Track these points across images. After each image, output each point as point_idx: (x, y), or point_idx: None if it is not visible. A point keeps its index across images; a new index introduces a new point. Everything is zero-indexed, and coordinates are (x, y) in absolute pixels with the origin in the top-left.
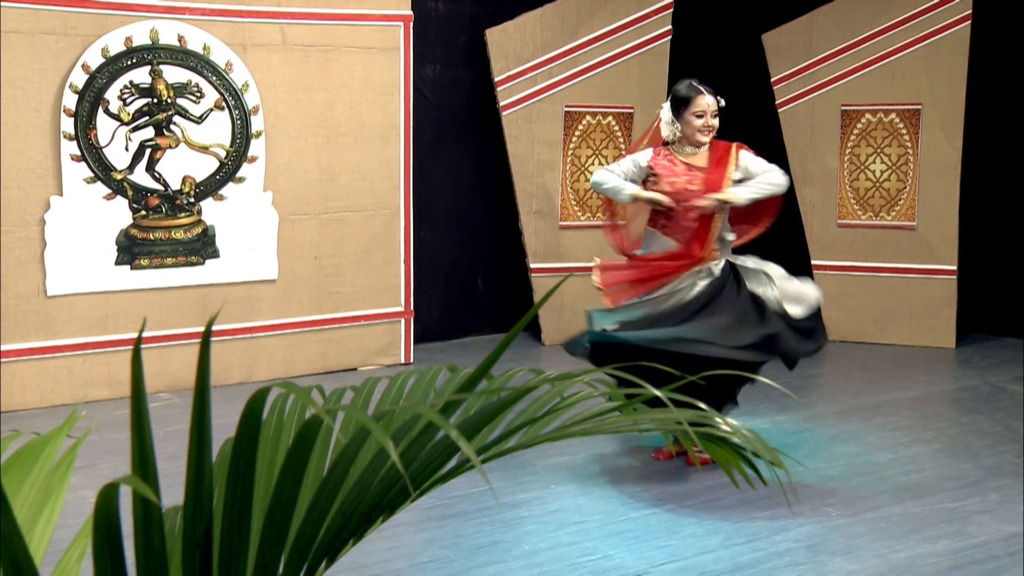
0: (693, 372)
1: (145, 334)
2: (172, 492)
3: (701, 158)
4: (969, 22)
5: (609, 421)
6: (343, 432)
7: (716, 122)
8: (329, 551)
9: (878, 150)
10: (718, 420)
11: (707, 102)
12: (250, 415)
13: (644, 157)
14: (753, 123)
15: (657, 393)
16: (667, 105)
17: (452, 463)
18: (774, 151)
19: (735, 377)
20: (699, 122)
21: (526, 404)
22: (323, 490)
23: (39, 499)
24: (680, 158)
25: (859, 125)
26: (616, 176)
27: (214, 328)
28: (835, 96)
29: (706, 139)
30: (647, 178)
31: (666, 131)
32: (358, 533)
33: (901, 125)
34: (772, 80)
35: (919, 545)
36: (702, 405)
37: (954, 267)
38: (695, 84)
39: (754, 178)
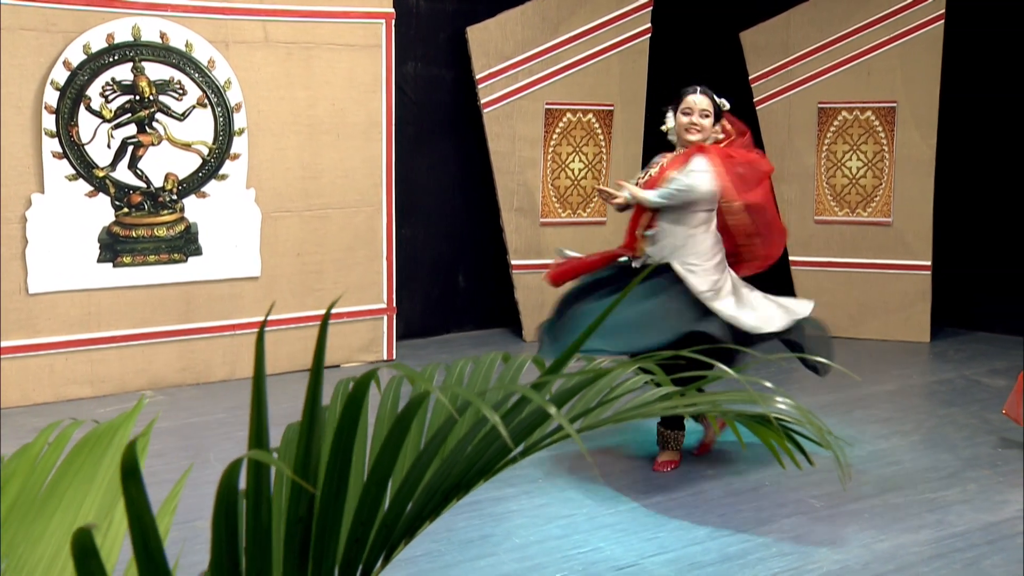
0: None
1: (128, 332)
2: (159, 489)
3: (681, 160)
4: (942, 21)
5: (660, 404)
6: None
7: (705, 122)
8: (411, 528)
9: (854, 147)
10: (770, 400)
11: (694, 99)
12: (356, 396)
13: (652, 163)
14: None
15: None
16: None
17: (519, 448)
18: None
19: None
20: (685, 120)
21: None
22: (415, 467)
23: (114, 487)
24: (668, 158)
25: (836, 122)
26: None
27: (196, 326)
28: (812, 94)
29: (693, 137)
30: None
31: (666, 126)
32: (437, 511)
33: (877, 122)
34: (750, 78)
35: (902, 535)
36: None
37: (928, 262)
38: (695, 85)
39: None
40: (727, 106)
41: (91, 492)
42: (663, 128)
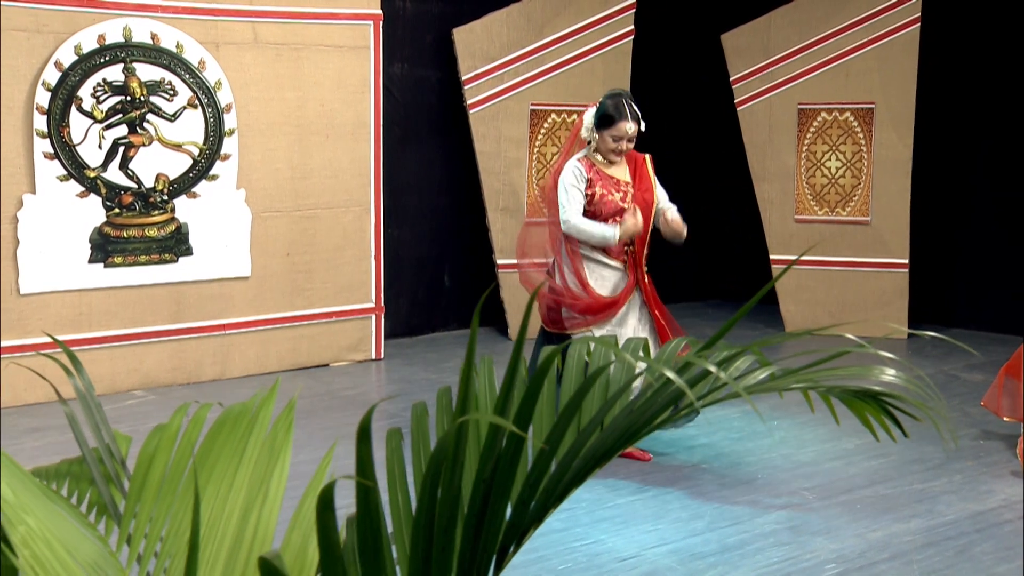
0: None
1: (118, 332)
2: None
3: (622, 171)
4: (919, 24)
5: (767, 383)
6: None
7: (631, 146)
8: (564, 493)
9: (833, 147)
10: (876, 374)
11: (628, 128)
12: (544, 367)
13: (580, 178)
14: (713, 121)
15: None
16: (592, 111)
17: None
18: (733, 149)
19: None
20: (614, 144)
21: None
22: (583, 433)
23: (264, 459)
24: (605, 171)
25: (815, 123)
26: (589, 220)
27: (186, 326)
28: (792, 95)
29: (616, 159)
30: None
31: (585, 134)
32: (586, 477)
33: (855, 123)
34: (731, 79)
35: (893, 524)
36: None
37: (906, 260)
38: (623, 105)
39: (662, 203)
40: (643, 128)
41: (242, 465)
42: (584, 131)
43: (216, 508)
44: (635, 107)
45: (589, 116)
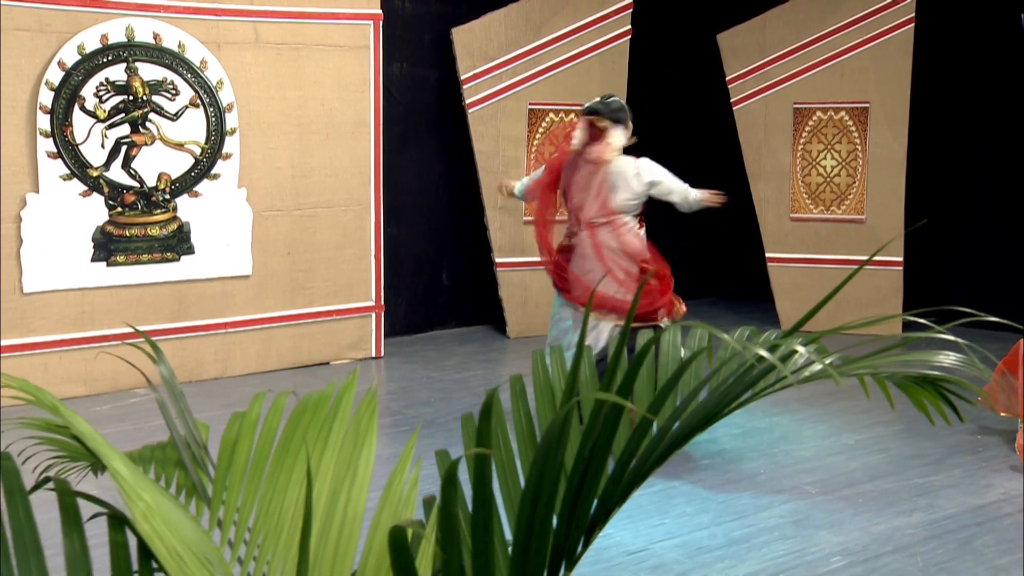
0: None
1: (121, 331)
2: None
3: None
4: (913, 24)
5: (826, 371)
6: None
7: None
8: (647, 473)
9: (829, 146)
10: (938, 360)
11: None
12: (644, 351)
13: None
14: (709, 120)
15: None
16: (625, 115)
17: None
18: (729, 148)
19: None
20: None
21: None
22: (676, 411)
23: (350, 442)
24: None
25: (811, 122)
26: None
27: (188, 324)
28: (787, 94)
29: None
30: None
31: (623, 140)
32: (668, 456)
33: (850, 122)
34: (727, 79)
35: (896, 518)
36: None
37: (900, 258)
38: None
39: None
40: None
41: (328, 448)
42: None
43: (304, 491)
44: (602, 104)
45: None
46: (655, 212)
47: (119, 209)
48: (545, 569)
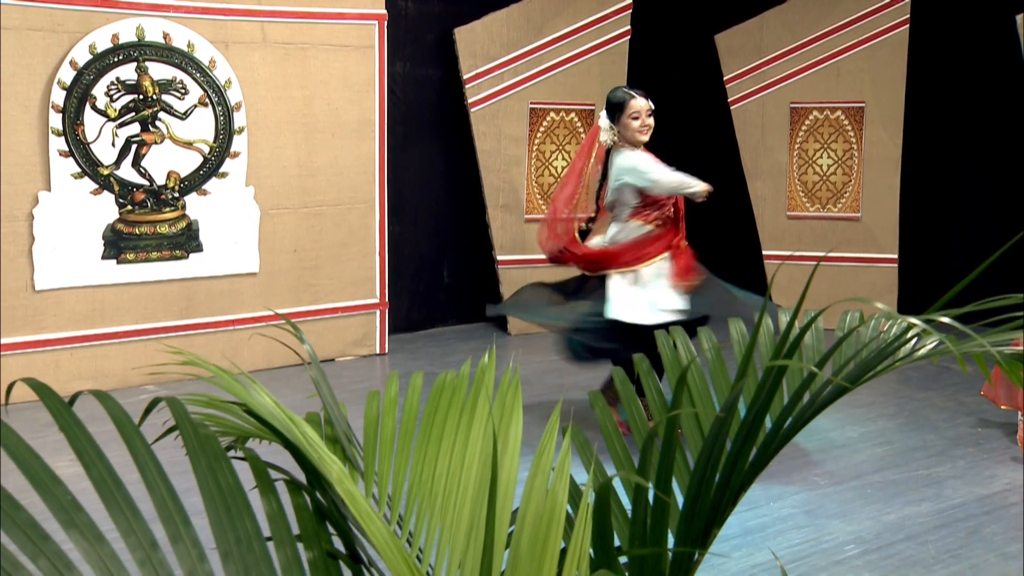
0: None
1: (130, 327)
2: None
3: None
4: (908, 25)
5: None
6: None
7: (652, 121)
8: (772, 456)
9: (825, 145)
10: None
11: (640, 104)
12: (781, 348)
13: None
14: (707, 120)
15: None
16: (603, 113)
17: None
18: (727, 147)
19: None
20: (636, 123)
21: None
22: (790, 404)
23: (497, 413)
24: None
25: (807, 122)
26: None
27: (196, 321)
28: (784, 94)
29: (646, 138)
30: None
31: (605, 137)
32: (779, 449)
33: (846, 122)
34: (724, 79)
35: (905, 507)
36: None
37: (895, 255)
38: (626, 89)
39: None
40: (652, 106)
41: (475, 420)
42: (604, 135)
43: (455, 460)
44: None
45: (603, 119)
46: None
47: (129, 207)
48: (703, 524)
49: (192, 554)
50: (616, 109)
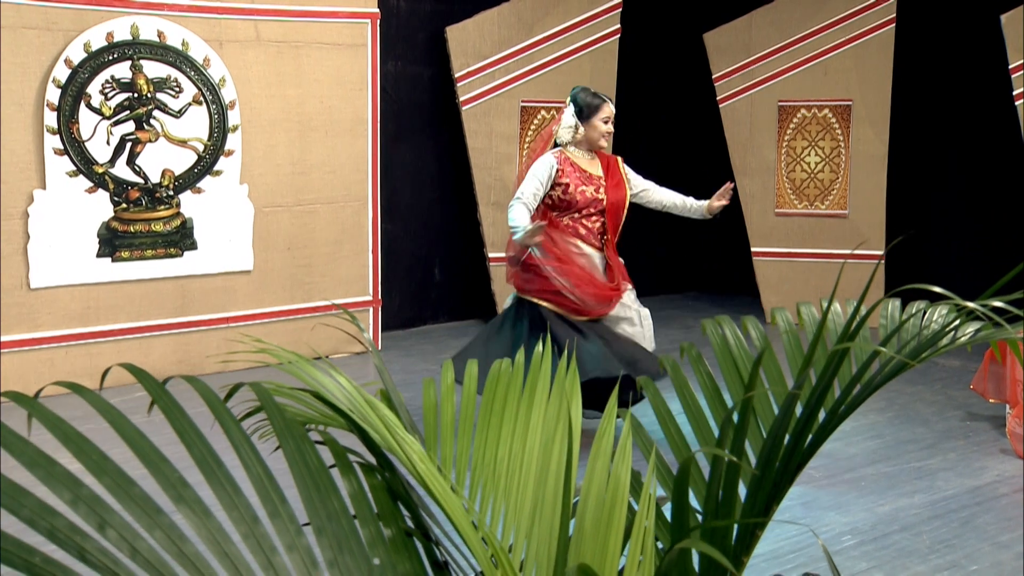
0: None
1: (125, 325)
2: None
3: (595, 166)
4: (894, 25)
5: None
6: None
7: (612, 129)
8: (832, 430)
9: (813, 143)
10: None
11: (611, 109)
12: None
13: (549, 168)
14: (695, 118)
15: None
16: (570, 109)
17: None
18: (715, 144)
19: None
20: (605, 128)
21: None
22: (840, 398)
23: (556, 399)
24: (580, 165)
25: (795, 120)
26: (521, 211)
27: (191, 319)
28: (772, 92)
29: (607, 144)
30: (554, 186)
31: (566, 134)
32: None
33: (834, 120)
34: (713, 77)
35: (899, 499)
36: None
37: (882, 252)
38: (599, 93)
39: (642, 187)
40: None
41: (534, 405)
42: (565, 132)
43: (516, 443)
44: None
45: (568, 116)
46: (644, 208)
47: (124, 205)
48: (766, 497)
49: (290, 529)
50: (591, 109)
